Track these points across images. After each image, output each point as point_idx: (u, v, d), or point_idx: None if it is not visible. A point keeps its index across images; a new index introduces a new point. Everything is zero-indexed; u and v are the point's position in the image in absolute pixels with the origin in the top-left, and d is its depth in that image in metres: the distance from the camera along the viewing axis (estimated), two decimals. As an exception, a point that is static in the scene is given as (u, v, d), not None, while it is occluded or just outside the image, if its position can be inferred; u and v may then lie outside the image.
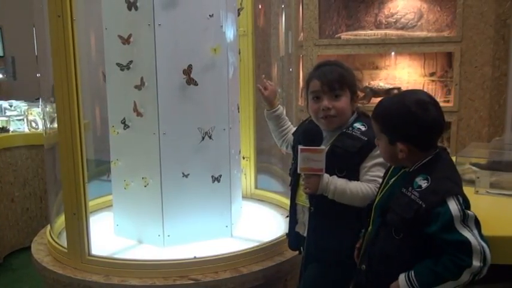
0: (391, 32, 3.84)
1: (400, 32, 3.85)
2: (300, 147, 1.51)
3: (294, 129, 1.88)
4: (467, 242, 1.18)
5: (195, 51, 2.12)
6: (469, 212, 1.22)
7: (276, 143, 1.96)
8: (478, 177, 1.93)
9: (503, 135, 3.45)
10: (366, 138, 1.56)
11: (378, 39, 3.77)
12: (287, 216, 1.85)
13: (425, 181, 1.25)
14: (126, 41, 2.12)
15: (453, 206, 1.20)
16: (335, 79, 1.60)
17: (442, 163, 1.30)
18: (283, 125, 1.90)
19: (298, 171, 1.54)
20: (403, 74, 4.01)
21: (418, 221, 1.22)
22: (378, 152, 1.53)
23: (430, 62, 3.95)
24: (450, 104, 3.66)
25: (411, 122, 1.28)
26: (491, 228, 1.24)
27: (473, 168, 2.03)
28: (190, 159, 2.18)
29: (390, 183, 1.38)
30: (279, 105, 1.90)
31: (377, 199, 1.42)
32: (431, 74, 3.95)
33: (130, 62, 2.14)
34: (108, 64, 2.24)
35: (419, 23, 3.91)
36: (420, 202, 1.22)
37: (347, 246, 1.51)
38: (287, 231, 1.84)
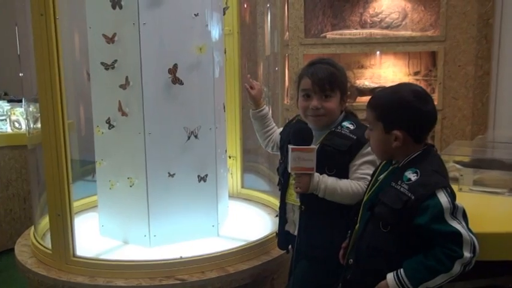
0: (376, 32, 3.87)
1: (384, 32, 3.88)
2: (290, 146, 1.51)
3: (279, 130, 1.89)
4: (458, 233, 1.19)
5: (180, 50, 2.11)
6: (458, 204, 1.24)
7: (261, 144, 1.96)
8: (461, 175, 1.95)
9: (486, 133, 3.50)
10: (355, 137, 1.58)
11: (363, 38, 3.80)
12: (276, 216, 1.85)
13: (415, 174, 1.27)
14: (110, 40, 2.10)
15: (443, 198, 1.22)
16: (326, 79, 1.60)
17: (430, 158, 1.33)
18: (268, 125, 1.91)
19: (289, 170, 1.54)
20: (388, 73, 4.04)
21: (407, 213, 1.23)
22: (367, 150, 1.55)
23: (414, 61, 3.99)
24: (434, 103, 3.69)
25: (409, 109, 1.30)
26: (475, 225, 1.26)
27: (457, 166, 2.06)
28: (176, 159, 2.17)
29: (380, 179, 1.39)
30: (265, 106, 1.91)
31: (366, 197, 1.43)
32: (416, 73, 3.99)
33: (115, 61, 2.12)
34: (92, 63, 2.22)
35: (403, 23, 3.95)
36: (409, 194, 1.24)
37: (338, 244, 1.52)
38: (276, 230, 1.84)
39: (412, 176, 1.27)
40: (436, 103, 3.83)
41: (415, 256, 1.24)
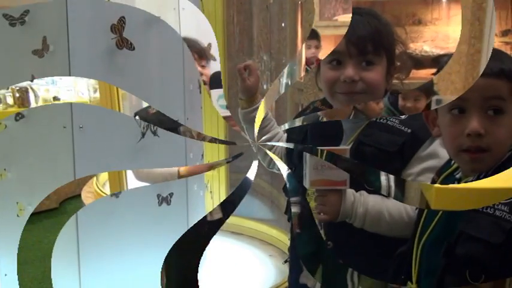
0: (442, -35, 3.89)
1: (455, -34, 3.90)
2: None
3: (285, 136, 1.88)
4: None
5: (129, -4, 2.13)
6: None
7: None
8: None
9: None
10: (409, 130, 1.58)
11: (421, -24, 3.82)
12: (286, 261, 1.86)
13: None
14: (18, -22, 2.12)
15: None
16: (369, 37, 1.61)
17: None
18: (268, 132, 1.89)
19: (307, 186, 1.55)
20: (460, 32, 4.05)
21: None
22: (428, 151, 1.55)
23: (502, 13, 4.01)
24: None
25: None
26: None
27: None
28: (122, 169, 2.18)
29: None
30: (262, 100, 1.89)
31: (426, 233, 1.43)
32: (505, 33, 4.00)
33: (26, 12, 2.13)
34: (-11, 16, 2.24)
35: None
36: None
37: None
38: (286, 282, 1.85)
39: None
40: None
41: None
